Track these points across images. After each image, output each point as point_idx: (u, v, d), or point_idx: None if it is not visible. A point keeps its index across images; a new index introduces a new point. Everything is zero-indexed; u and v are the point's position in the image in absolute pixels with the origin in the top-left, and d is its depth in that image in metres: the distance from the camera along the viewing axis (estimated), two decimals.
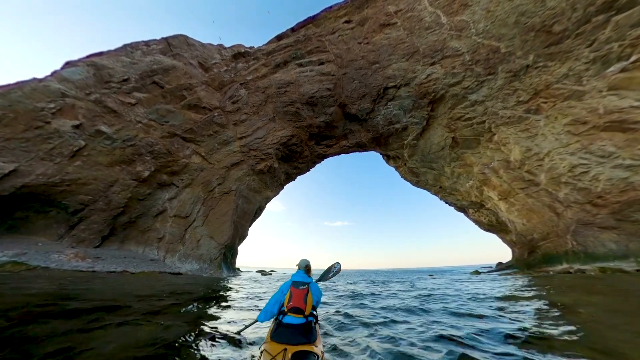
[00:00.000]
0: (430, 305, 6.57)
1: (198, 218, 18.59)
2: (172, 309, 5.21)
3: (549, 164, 14.90)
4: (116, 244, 17.47)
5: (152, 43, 23.06)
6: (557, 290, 8.43)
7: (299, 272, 2.89)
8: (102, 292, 6.78)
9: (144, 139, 18.15)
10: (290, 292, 2.56)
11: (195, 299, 6.76)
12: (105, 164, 16.78)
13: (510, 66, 15.94)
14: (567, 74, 14.24)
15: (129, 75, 19.10)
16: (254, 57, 25.53)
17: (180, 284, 10.23)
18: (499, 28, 15.87)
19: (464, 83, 17.45)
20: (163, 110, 19.57)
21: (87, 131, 16.22)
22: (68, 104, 15.79)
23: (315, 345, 2.25)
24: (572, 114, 14.13)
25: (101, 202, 16.32)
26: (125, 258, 14.65)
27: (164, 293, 7.30)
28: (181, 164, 19.64)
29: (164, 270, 14.60)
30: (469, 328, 4.10)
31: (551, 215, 14.86)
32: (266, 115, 22.14)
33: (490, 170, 17.72)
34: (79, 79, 16.89)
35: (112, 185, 16.81)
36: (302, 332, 2.34)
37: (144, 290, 7.58)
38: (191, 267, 16.59)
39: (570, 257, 13.89)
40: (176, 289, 8.72)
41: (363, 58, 20.49)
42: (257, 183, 21.52)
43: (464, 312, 5.44)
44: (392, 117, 20.58)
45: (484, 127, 17.78)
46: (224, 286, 11.26)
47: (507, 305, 6.20)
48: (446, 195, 22.50)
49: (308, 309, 2.47)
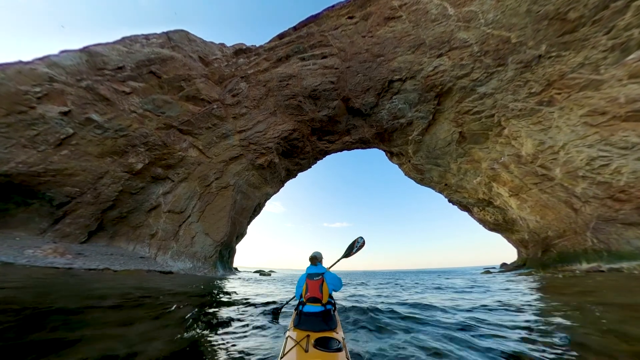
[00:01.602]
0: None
1: (193, 214, 17.18)
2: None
3: (565, 157, 13.84)
4: (105, 240, 15.98)
5: (152, 37, 21.99)
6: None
7: (311, 266, 2.92)
8: (46, 293, 5.22)
9: (138, 129, 16.87)
10: (307, 284, 2.63)
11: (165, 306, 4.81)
12: (95, 154, 15.43)
13: (521, 57, 15.03)
14: (583, 63, 13.31)
15: (125, 63, 17.93)
16: (255, 53, 24.56)
17: (163, 284, 8.76)
18: (510, 18, 15.00)
19: (473, 75, 16.50)
20: (159, 101, 18.35)
21: (77, 119, 14.91)
22: (56, 89, 14.52)
23: (336, 332, 2.26)
24: (589, 105, 13.14)
25: (89, 194, 14.91)
26: (112, 255, 13.19)
27: (133, 296, 5.72)
28: (177, 157, 18.33)
29: (154, 269, 13.15)
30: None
31: (568, 212, 13.73)
32: (267, 109, 21.01)
33: (500, 165, 16.63)
34: (70, 64, 15.66)
35: (102, 177, 15.43)
36: (322, 319, 2.38)
37: (110, 291, 6.17)
38: (184, 266, 15.11)
39: (591, 256, 12.70)
40: (155, 290, 7.14)
41: (367, 51, 19.55)
42: (257, 178, 20.22)
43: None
44: (397, 111, 19.54)
45: (493, 120, 16.77)
46: (218, 289, 9.37)
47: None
48: (452, 192, 21.35)
49: (325, 297, 2.53)
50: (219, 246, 16.59)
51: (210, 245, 16.32)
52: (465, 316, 4.55)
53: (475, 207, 22.23)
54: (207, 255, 16.13)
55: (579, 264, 13.10)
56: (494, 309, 5.24)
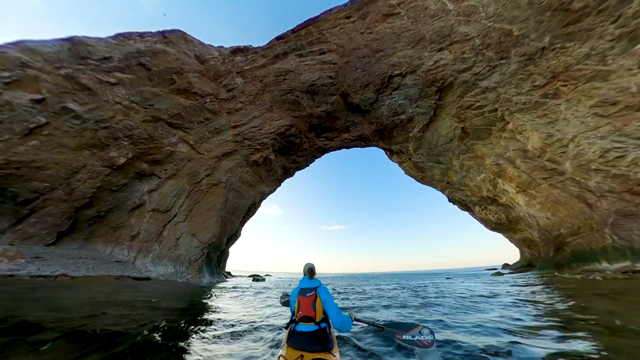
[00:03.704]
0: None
1: (180, 213, 15.30)
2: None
3: (575, 150, 12.82)
4: (78, 241, 13.88)
5: (147, 35, 20.58)
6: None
7: (305, 278, 2.55)
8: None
9: (121, 121, 15.17)
10: (298, 301, 2.31)
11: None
12: (72, 146, 13.60)
13: (524, 49, 14.27)
14: (589, 53, 12.55)
15: (112, 54, 16.41)
16: (252, 52, 23.51)
17: (121, 297, 6.59)
18: (511, 10, 14.34)
19: (475, 69, 15.65)
20: (148, 93, 16.78)
21: (52, 107, 13.16)
22: (29, 76, 12.82)
23: (333, 354, 2.05)
24: (598, 95, 12.28)
25: (61, 190, 12.95)
26: (80, 259, 11.17)
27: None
28: (165, 152, 16.59)
29: (128, 274, 11.15)
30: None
31: (582, 207, 12.57)
32: (263, 105, 19.66)
33: (506, 160, 15.55)
34: (49, 51, 14.04)
35: (78, 171, 13.54)
36: (318, 339, 2.14)
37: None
38: (164, 271, 13.10)
39: (611, 254, 11.45)
40: (73, 312, 4.67)
41: (366, 47, 18.67)
42: (251, 176, 18.57)
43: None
44: (397, 107, 18.49)
45: (497, 115, 15.83)
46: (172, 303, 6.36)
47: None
48: (454, 191, 20.15)
49: (319, 315, 2.22)
50: (205, 248, 14.64)
51: (197, 247, 14.36)
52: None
53: (477, 206, 21.02)
54: (192, 259, 14.14)
55: (598, 263, 11.82)
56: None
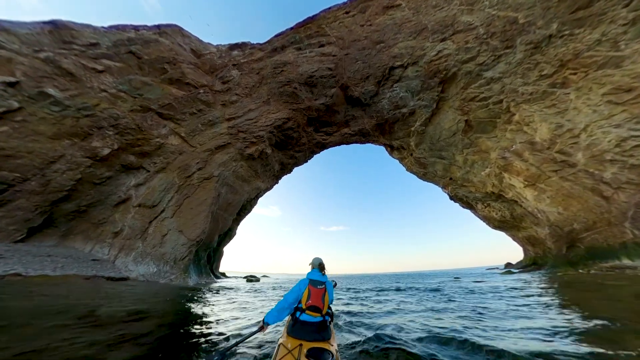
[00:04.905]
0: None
1: (168, 208, 13.97)
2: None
3: (587, 140, 11.95)
4: (54, 238, 12.44)
5: (142, 28, 19.55)
6: None
7: (315, 271, 2.61)
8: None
9: (107, 109, 13.93)
10: (309, 290, 2.36)
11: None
12: (49, 134, 12.29)
13: (531, 37, 13.52)
14: (600, 39, 11.82)
15: (100, 41, 15.26)
16: (250, 47, 22.59)
17: (59, 303, 5.08)
18: None
19: (479, 59, 14.86)
20: (137, 82, 15.60)
21: (27, 92, 11.89)
22: (1, 57, 11.59)
23: (331, 344, 2.14)
24: (611, 82, 11.48)
25: (34, 182, 11.59)
26: (49, 257, 9.78)
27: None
28: (154, 144, 15.34)
29: (102, 274, 9.77)
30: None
31: (597, 200, 11.63)
32: (260, 98, 18.61)
33: (513, 153, 14.63)
34: (27, 33, 12.85)
35: (55, 161, 12.21)
36: (318, 329, 2.23)
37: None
38: (146, 270, 11.71)
39: (632, 250, 10.47)
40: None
41: (366, 38, 17.85)
42: (246, 170, 17.36)
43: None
44: (399, 100, 17.59)
45: (502, 107, 14.99)
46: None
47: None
48: (457, 187, 19.17)
49: (325, 308, 2.34)
50: (193, 246, 13.29)
51: (184, 245, 13.00)
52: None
53: (480, 204, 20.03)
54: (177, 257, 12.76)
55: (618, 260, 10.82)
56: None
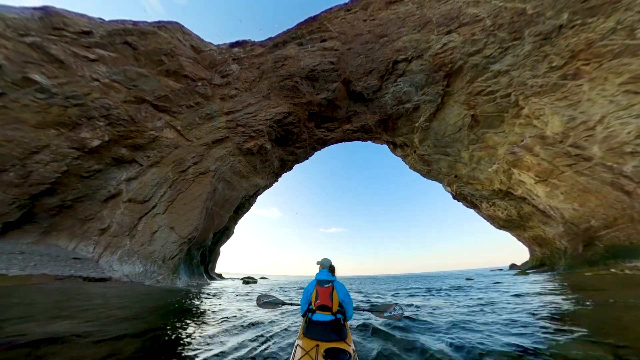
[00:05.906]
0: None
1: (160, 203, 12.93)
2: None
3: (604, 132, 11.21)
4: (34, 235, 11.32)
5: (141, 24, 18.93)
6: None
7: (323, 271, 2.67)
8: None
9: (98, 99, 13.03)
10: (316, 290, 2.43)
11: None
12: (33, 123, 11.33)
13: (540, 28, 12.96)
14: (615, 28, 11.23)
15: (93, 29, 14.47)
16: (251, 44, 21.99)
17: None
18: None
19: (486, 51, 14.25)
20: (132, 73, 14.77)
21: (9, 77, 10.99)
22: None
23: (348, 343, 2.10)
24: (629, 72, 10.83)
25: (13, 173, 10.56)
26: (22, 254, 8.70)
27: None
28: (148, 137, 14.40)
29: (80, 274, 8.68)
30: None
31: (617, 195, 10.81)
32: (260, 92, 17.85)
33: (522, 148, 13.87)
34: (13, 17, 12.03)
35: (37, 152, 11.21)
36: (333, 329, 2.21)
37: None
38: (131, 270, 10.57)
39: None
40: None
41: (369, 32, 17.28)
42: (244, 166, 16.42)
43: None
44: (402, 95, 16.90)
45: (510, 100, 14.31)
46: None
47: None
48: (462, 185, 18.33)
49: (335, 306, 2.34)
50: (185, 244, 12.18)
51: (174, 243, 11.88)
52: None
53: (485, 202, 19.18)
54: (167, 256, 11.63)
55: None
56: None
